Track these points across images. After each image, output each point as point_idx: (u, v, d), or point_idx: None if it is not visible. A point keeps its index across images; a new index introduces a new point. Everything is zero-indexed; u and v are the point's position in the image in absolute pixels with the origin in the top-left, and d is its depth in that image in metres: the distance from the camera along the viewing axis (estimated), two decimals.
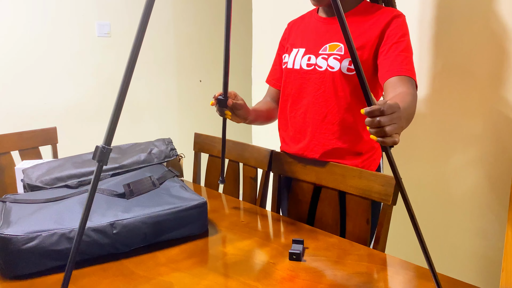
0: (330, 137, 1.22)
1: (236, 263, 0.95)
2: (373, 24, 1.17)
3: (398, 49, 1.13)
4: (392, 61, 1.12)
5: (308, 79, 1.24)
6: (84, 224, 0.73)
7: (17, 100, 2.51)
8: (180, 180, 1.26)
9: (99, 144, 0.74)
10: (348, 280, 0.88)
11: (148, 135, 3.08)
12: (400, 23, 1.16)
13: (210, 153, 1.65)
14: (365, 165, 1.23)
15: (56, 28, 2.59)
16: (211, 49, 3.39)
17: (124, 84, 0.75)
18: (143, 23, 0.77)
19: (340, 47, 1.19)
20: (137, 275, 0.89)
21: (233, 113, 1.22)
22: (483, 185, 1.43)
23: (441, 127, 1.51)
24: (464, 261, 1.50)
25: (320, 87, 1.22)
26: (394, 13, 1.17)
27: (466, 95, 1.43)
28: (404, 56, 1.12)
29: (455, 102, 1.46)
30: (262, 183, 1.42)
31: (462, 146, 1.46)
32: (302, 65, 1.25)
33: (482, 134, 1.41)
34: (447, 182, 1.52)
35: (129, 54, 0.76)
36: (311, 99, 1.24)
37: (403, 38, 1.14)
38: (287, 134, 1.34)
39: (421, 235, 0.76)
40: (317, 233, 1.13)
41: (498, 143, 1.38)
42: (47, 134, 1.81)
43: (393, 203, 1.09)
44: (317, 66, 1.22)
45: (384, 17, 1.17)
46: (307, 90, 1.25)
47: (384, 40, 1.16)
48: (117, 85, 2.90)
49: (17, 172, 1.29)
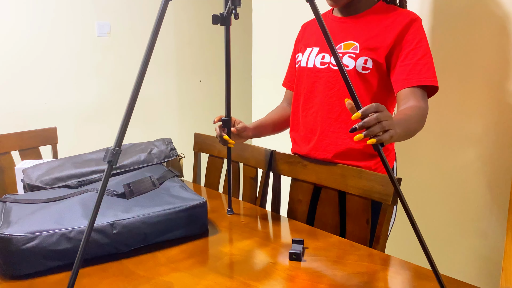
0: (343, 136, 1.20)
1: (236, 263, 0.95)
2: (388, 26, 1.15)
3: (417, 56, 1.11)
4: (411, 70, 1.10)
5: (321, 77, 1.22)
6: (92, 224, 0.74)
7: (17, 100, 2.51)
8: (180, 180, 1.26)
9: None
10: (348, 280, 0.88)
11: (148, 135, 3.08)
12: (417, 27, 1.13)
13: (210, 153, 1.65)
14: (378, 167, 1.22)
15: (56, 28, 2.59)
16: (211, 49, 3.40)
17: (137, 86, 0.77)
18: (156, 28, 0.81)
19: (355, 45, 1.17)
20: (137, 275, 0.89)
21: (236, 138, 1.26)
22: (483, 185, 1.43)
23: (441, 127, 1.51)
24: (464, 261, 1.50)
25: (334, 85, 1.20)
26: (411, 16, 1.14)
27: (466, 95, 1.43)
28: (423, 63, 1.10)
29: (455, 102, 1.46)
30: (262, 183, 1.42)
31: (462, 146, 1.46)
32: (315, 64, 1.24)
33: (482, 134, 1.41)
34: (447, 182, 1.52)
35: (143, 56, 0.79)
36: (324, 97, 1.22)
37: (420, 43, 1.12)
38: (298, 135, 1.33)
39: (420, 234, 0.76)
40: (317, 233, 1.13)
41: (498, 143, 1.38)
42: (47, 134, 1.81)
43: (393, 203, 1.09)
44: (331, 65, 1.20)
45: (400, 20, 1.14)
46: (319, 89, 1.23)
47: (402, 45, 1.13)
48: (117, 85, 2.90)
49: (17, 172, 1.29)
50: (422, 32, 1.14)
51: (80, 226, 0.92)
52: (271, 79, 2.13)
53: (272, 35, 2.09)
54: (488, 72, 1.38)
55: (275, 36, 2.07)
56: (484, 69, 1.38)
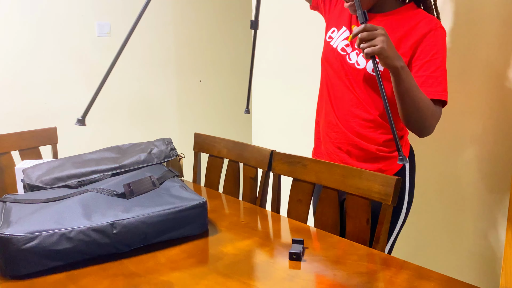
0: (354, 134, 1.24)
1: (236, 263, 0.95)
2: (408, 31, 1.13)
3: (430, 68, 1.10)
4: (423, 83, 1.09)
5: (342, 66, 1.22)
6: None
7: (17, 100, 2.51)
8: (180, 180, 1.26)
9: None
10: (348, 280, 0.88)
11: (148, 135, 3.08)
12: (436, 37, 1.11)
13: (210, 153, 1.65)
14: (388, 169, 1.23)
15: (56, 28, 2.59)
16: (211, 49, 3.39)
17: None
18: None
19: None
20: (137, 275, 0.89)
21: None
22: (483, 185, 1.43)
23: (441, 127, 1.51)
24: (464, 261, 1.50)
25: (351, 82, 1.21)
26: (432, 24, 1.11)
27: (466, 95, 1.43)
28: (435, 77, 1.09)
29: (455, 102, 1.46)
30: (262, 183, 1.42)
31: (462, 146, 1.46)
32: (338, 48, 1.23)
33: (482, 134, 1.41)
34: (447, 182, 1.52)
35: None
36: (343, 91, 1.23)
37: (437, 55, 1.10)
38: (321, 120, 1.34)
39: None
40: (317, 233, 1.13)
41: (498, 143, 1.38)
42: (47, 134, 1.81)
43: (393, 203, 1.09)
44: (348, 57, 1.20)
45: (421, 27, 1.12)
46: (340, 79, 1.24)
47: (417, 54, 1.12)
48: (117, 85, 2.90)
49: (17, 172, 1.29)
50: (439, 43, 1.11)
51: (80, 226, 0.92)
52: (271, 78, 2.13)
53: (272, 35, 2.09)
54: (488, 72, 1.38)
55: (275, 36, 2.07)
56: (484, 69, 1.38)
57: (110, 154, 1.34)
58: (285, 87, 2.05)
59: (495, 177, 1.40)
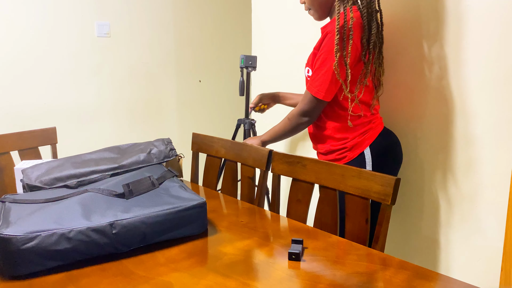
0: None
1: (236, 263, 0.95)
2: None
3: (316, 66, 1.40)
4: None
5: None
6: None
7: (16, 100, 2.51)
8: (180, 180, 1.26)
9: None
10: (347, 280, 0.88)
11: (148, 135, 3.08)
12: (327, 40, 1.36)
13: (208, 153, 1.65)
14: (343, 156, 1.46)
15: (55, 28, 2.59)
16: (211, 49, 3.39)
17: None
18: None
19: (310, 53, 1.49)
20: (136, 275, 0.89)
21: None
22: (483, 185, 1.43)
23: (441, 127, 1.51)
24: (464, 261, 1.50)
25: None
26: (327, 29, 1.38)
27: (466, 95, 1.43)
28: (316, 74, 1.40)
29: (455, 102, 1.46)
30: (260, 183, 1.42)
31: (462, 146, 1.46)
32: None
33: (482, 134, 1.41)
34: (447, 182, 1.52)
35: None
36: None
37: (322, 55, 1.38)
38: None
39: None
40: (316, 233, 1.13)
41: (498, 143, 1.38)
42: (47, 134, 1.81)
43: (392, 203, 1.09)
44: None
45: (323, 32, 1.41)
46: None
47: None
48: (116, 85, 2.90)
49: (17, 172, 1.29)
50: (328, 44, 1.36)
51: (79, 226, 0.92)
52: (271, 78, 2.13)
53: (272, 35, 2.09)
54: (488, 72, 1.38)
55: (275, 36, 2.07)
56: (484, 69, 1.38)
57: (109, 154, 1.34)
58: (285, 87, 2.05)
59: (495, 177, 1.40)
